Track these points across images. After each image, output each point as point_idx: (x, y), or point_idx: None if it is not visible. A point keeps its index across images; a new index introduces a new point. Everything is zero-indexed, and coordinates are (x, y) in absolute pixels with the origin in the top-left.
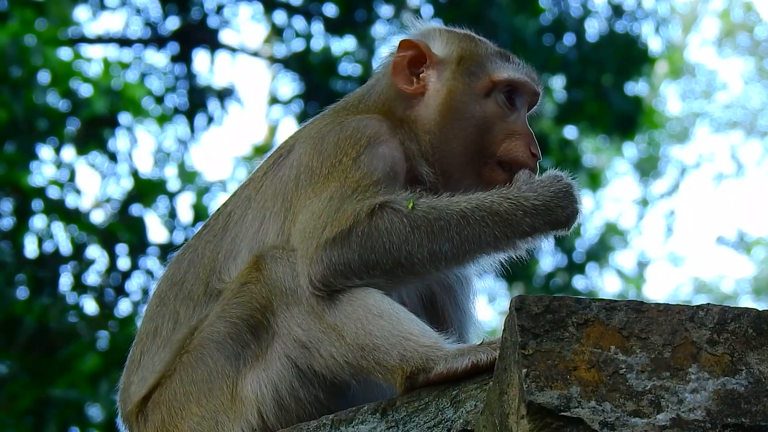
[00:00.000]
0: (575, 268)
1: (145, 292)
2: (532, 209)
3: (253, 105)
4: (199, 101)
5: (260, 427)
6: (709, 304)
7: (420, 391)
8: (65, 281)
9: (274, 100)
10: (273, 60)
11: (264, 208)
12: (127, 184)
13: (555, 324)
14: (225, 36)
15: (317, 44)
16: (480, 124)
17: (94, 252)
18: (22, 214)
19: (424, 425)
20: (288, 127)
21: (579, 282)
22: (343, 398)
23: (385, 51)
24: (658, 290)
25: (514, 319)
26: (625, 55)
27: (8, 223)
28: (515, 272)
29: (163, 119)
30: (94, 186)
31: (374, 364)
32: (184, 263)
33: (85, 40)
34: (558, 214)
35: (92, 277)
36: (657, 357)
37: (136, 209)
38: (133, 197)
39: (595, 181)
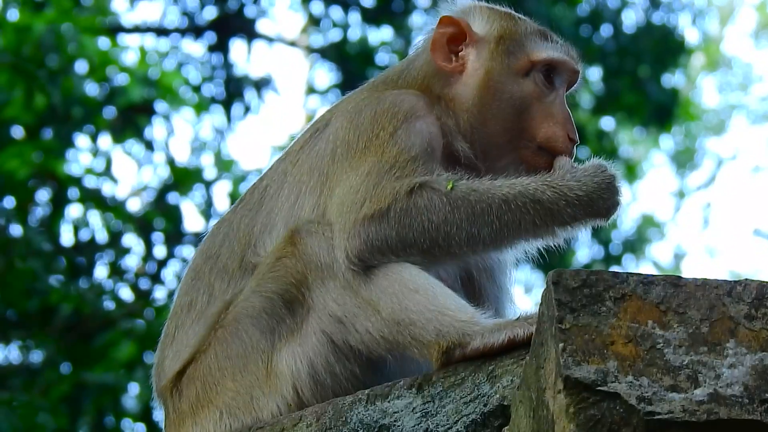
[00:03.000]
0: (612, 259)
1: (180, 280)
2: (575, 199)
3: (290, 94)
4: (235, 91)
5: (295, 402)
6: (746, 279)
7: (456, 366)
8: (101, 270)
9: (311, 90)
10: (310, 50)
11: (300, 182)
12: (164, 172)
13: (592, 298)
14: (262, 26)
15: (354, 34)
16: (518, 104)
17: (131, 240)
18: (59, 202)
19: (461, 400)
20: None
21: None
22: (379, 373)
23: (427, 27)
24: None
25: (551, 293)
26: (662, 46)
27: (45, 211)
28: (552, 263)
29: (199, 108)
30: (130, 174)
31: (410, 339)
32: (219, 237)
33: (122, 29)
34: (599, 206)
35: (129, 263)
36: (694, 332)
37: (172, 197)
38: (169, 186)
39: (631, 172)
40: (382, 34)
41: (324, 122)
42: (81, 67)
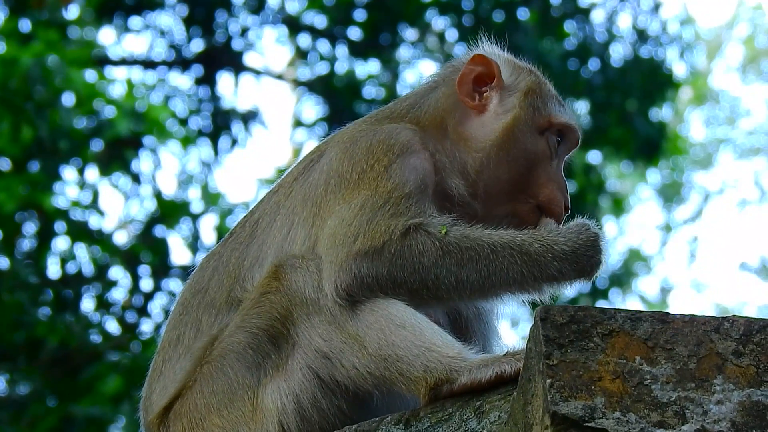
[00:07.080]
0: (598, 293)
1: (167, 313)
2: (561, 254)
3: (277, 128)
4: (223, 124)
5: None
6: (734, 315)
7: (444, 401)
8: (88, 302)
9: (298, 123)
10: (297, 83)
11: (293, 213)
12: (151, 205)
13: (580, 334)
14: (249, 59)
15: (341, 67)
16: (531, 158)
17: (117, 273)
18: (45, 235)
19: None
20: None
21: None
22: (366, 409)
23: (451, 60)
24: None
25: (538, 329)
26: (650, 80)
27: (31, 243)
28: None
29: (186, 141)
30: (117, 207)
31: (397, 374)
32: (209, 270)
33: (109, 62)
34: (584, 263)
35: (115, 296)
36: (682, 368)
37: (159, 231)
38: (156, 219)
39: (618, 206)
40: (369, 68)
41: (319, 153)
42: (68, 99)
